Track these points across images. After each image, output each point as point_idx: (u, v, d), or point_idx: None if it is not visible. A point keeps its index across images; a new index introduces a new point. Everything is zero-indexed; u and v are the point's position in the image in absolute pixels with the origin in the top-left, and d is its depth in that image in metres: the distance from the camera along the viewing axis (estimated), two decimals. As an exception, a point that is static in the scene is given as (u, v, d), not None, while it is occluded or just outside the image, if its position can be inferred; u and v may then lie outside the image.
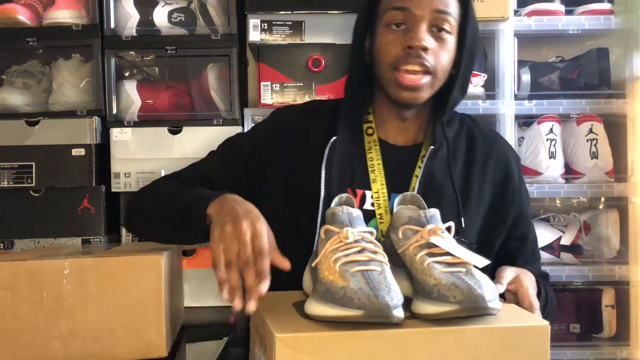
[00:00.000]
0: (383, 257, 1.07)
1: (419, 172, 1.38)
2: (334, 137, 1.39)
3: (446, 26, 1.33)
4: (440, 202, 1.31)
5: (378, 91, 1.44)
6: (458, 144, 1.44)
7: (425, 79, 1.33)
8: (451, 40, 1.36)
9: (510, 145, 1.55)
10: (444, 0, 1.33)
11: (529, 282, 1.28)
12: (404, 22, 1.33)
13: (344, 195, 1.28)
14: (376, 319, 0.95)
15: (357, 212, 1.15)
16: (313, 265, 1.11)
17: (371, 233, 1.11)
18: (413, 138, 1.45)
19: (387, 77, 1.36)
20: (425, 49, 1.31)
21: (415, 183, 1.37)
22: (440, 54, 1.34)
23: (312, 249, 1.28)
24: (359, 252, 1.07)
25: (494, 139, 1.49)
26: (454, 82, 1.39)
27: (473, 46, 1.41)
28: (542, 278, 1.45)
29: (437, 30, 1.34)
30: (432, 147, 1.40)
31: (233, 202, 1.18)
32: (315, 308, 1.01)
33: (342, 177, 1.37)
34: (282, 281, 1.25)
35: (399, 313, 0.97)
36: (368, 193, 1.38)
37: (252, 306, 1.04)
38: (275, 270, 1.38)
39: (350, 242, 1.08)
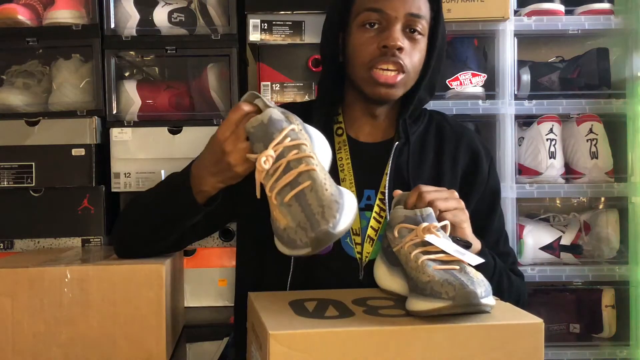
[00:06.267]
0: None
1: (388, 169, 1.40)
2: None
3: (419, 28, 1.37)
4: None
5: (349, 90, 1.46)
6: (427, 137, 1.48)
7: (400, 77, 1.36)
8: (423, 41, 1.40)
9: (481, 139, 1.56)
10: (416, 4, 1.37)
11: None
12: (378, 22, 1.37)
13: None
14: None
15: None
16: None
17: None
18: (383, 135, 1.47)
19: (362, 76, 1.38)
20: (400, 49, 1.34)
21: (385, 181, 1.39)
22: (413, 54, 1.37)
23: None
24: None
25: (462, 131, 1.51)
26: (422, 82, 1.43)
27: (442, 48, 1.45)
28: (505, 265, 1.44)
29: (410, 32, 1.37)
30: (397, 142, 1.42)
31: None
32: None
33: None
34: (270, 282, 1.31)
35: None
36: None
37: None
38: (264, 271, 1.39)
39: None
